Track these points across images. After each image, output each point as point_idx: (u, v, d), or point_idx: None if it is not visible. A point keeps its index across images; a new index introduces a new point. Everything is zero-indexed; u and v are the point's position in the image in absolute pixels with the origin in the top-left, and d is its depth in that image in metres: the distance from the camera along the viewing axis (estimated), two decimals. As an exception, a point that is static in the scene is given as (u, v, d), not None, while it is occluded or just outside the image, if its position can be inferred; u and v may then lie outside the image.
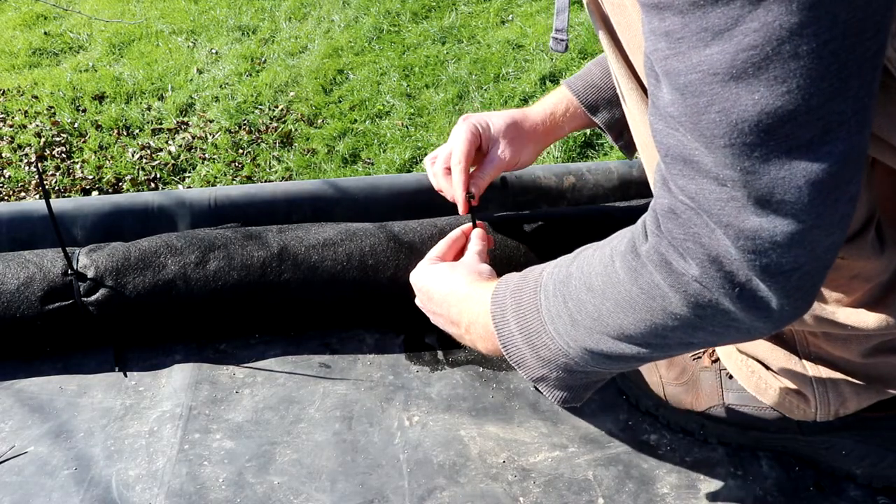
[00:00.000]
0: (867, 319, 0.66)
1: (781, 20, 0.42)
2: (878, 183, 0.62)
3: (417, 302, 0.84)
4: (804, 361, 0.73)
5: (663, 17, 0.46)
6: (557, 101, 0.96)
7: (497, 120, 0.92)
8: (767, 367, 0.75)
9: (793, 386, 0.74)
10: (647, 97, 0.69)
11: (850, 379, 0.72)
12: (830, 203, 0.47)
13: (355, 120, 3.46)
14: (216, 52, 4.10)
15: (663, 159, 0.52)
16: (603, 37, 0.69)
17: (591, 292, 0.60)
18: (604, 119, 0.93)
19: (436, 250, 0.86)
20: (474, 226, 0.89)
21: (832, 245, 0.49)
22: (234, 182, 3.21)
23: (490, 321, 0.70)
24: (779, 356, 0.74)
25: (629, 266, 0.56)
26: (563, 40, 0.76)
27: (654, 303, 0.55)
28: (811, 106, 0.44)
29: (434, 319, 0.82)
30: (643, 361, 0.64)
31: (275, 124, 3.53)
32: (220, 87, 3.79)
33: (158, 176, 3.30)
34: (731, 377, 0.81)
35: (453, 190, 0.90)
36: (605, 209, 1.04)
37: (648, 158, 0.74)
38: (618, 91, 0.73)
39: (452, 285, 0.78)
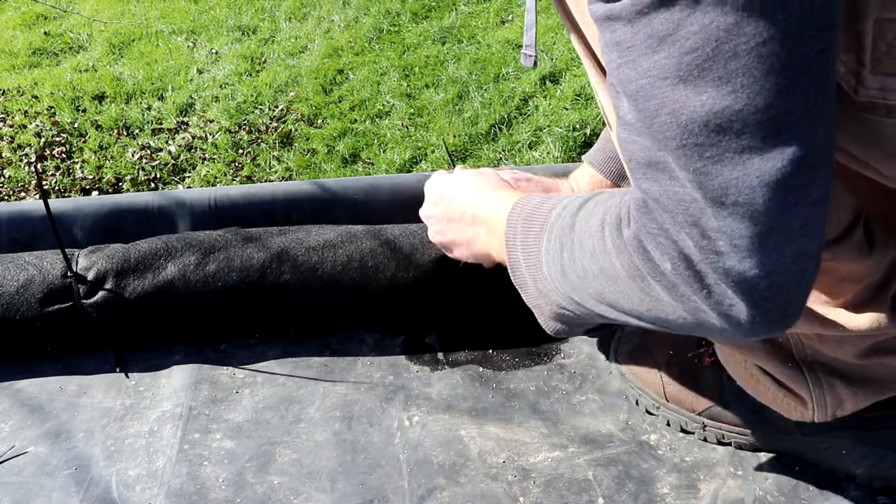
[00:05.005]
0: (859, 320, 0.66)
1: (718, 21, 0.43)
2: (864, 186, 0.62)
3: (427, 210, 0.87)
4: (800, 364, 0.73)
5: (614, 29, 0.48)
6: (580, 177, 0.97)
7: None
8: (764, 370, 0.75)
9: (790, 388, 0.74)
10: None
11: (846, 381, 0.72)
12: (789, 206, 0.47)
13: (355, 120, 3.46)
14: (216, 52, 4.10)
15: (627, 166, 0.53)
16: (573, 37, 0.70)
17: (583, 251, 0.61)
18: None
19: None
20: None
21: (800, 253, 0.49)
22: (234, 182, 3.21)
23: (504, 239, 0.74)
24: (775, 358, 0.74)
25: (615, 243, 0.58)
26: (531, 56, 0.77)
27: (633, 283, 0.56)
28: (758, 105, 0.44)
29: (445, 228, 0.85)
30: (625, 324, 0.65)
31: (275, 124, 3.53)
32: (220, 87, 3.79)
33: (158, 176, 3.29)
34: (730, 377, 0.81)
35: None
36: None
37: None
38: (597, 99, 0.73)
39: (483, 186, 0.82)
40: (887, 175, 0.55)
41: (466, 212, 0.82)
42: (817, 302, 0.67)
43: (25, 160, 3.38)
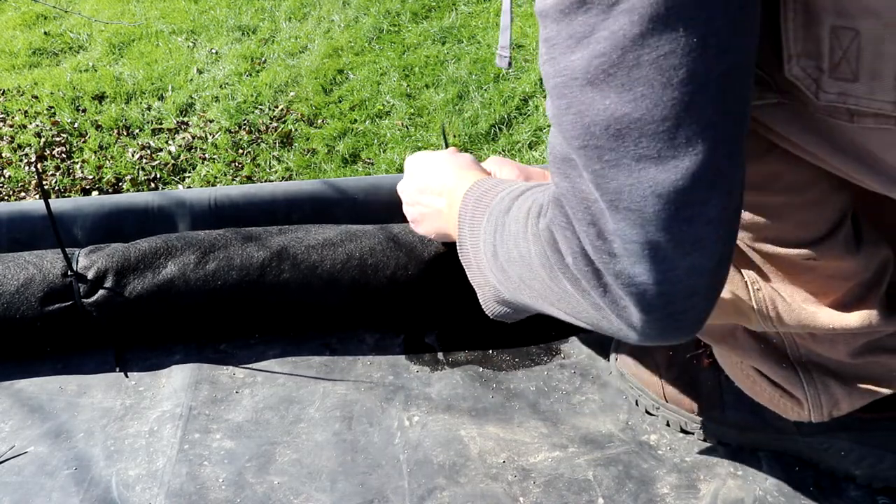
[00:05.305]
0: (849, 319, 0.66)
1: (625, 29, 0.44)
2: (847, 184, 0.62)
3: (402, 184, 0.89)
4: (794, 364, 0.73)
5: (545, 25, 0.49)
6: None
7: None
8: (760, 371, 0.75)
9: (785, 388, 0.74)
10: None
11: (840, 380, 0.72)
12: (682, 220, 0.47)
13: (355, 120, 3.46)
14: (216, 52, 4.10)
15: (548, 159, 0.54)
16: None
17: (510, 235, 0.63)
18: None
19: None
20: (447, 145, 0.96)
21: (693, 268, 0.49)
22: (234, 182, 3.21)
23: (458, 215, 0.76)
24: (770, 359, 0.74)
25: (533, 231, 0.59)
26: (505, 57, 0.78)
27: (545, 272, 0.57)
28: (655, 116, 0.45)
29: (414, 199, 0.87)
30: (547, 314, 0.65)
31: (275, 124, 3.53)
32: (220, 87, 3.79)
33: (158, 176, 3.29)
34: (728, 378, 0.81)
35: None
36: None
37: None
38: None
39: (455, 165, 0.84)
40: (857, 179, 0.55)
41: (434, 187, 0.84)
42: (806, 300, 0.67)
43: (25, 160, 3.38)
